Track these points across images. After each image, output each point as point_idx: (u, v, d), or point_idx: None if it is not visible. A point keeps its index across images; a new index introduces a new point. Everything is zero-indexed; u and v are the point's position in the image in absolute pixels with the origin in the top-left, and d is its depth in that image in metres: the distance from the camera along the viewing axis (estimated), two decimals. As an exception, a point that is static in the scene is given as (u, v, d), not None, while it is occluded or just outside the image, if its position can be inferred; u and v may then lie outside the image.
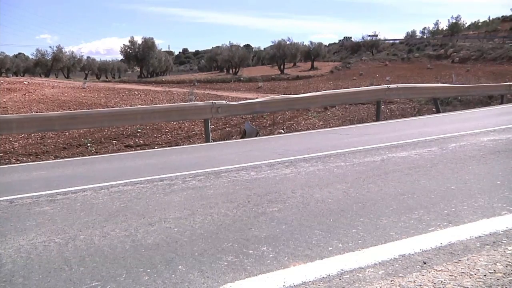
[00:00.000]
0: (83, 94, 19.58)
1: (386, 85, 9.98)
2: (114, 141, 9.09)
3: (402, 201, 2.74)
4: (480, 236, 2.03)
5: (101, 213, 2.92)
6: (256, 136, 7.88)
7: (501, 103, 12.13)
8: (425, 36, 59.46)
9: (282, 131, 9.27)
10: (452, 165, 3.66)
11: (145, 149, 7.99)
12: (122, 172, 4.66)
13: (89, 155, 7.47)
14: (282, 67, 41.63)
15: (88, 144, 8.73)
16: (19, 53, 60.71)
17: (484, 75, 23.10)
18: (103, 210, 3.01)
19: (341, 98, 9.63)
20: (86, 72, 53.81)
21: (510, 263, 1.74)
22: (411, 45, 53.00)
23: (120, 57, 51.90)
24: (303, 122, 10.82)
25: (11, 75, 42.40)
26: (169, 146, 8.19)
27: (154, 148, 8.07)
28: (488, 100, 13.22)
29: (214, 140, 8.07)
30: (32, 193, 3.62)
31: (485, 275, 1.65)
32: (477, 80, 19.57)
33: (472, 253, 1.86)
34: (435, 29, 58.17)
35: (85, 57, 53.51)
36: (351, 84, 21.73)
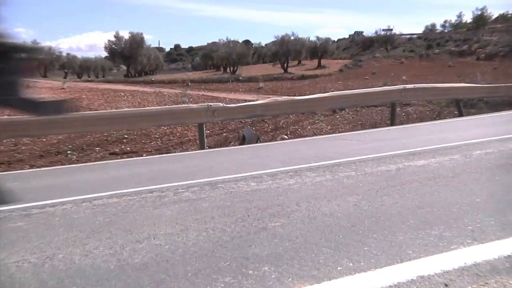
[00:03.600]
0: (62, 96, 19.67)
1: (402, 85, 10.03)
2: (97, 148, 9.11)
3: (421, 215, 2.74)
4: (509, 256, 2.04)
5: (82, 229, 2.93)
6: (256, 143, 7.91)
7: None
8: (446, 30, 59.78)
9: (286, 136, 9.29)
10: (477, 175, 3.67)
11: (133, 157, 8.00)
12: (106, 183, 4.67)
13: (69, 164, 7.48)
14: (285, 65, 41.84)
15: (68, 152, 8.75)
16: (-9, 50, 60.86)
17: (512, 73, 23.18)
18: (85, 225, 3.01)
19: (352, 100, 9.66)
20: (66, 70, 54.08)
21: (543, 285, 1.74)
22: (431, 40, 53.29)
23: (104, 54, 52.29)
24: (309, 127, 10.86)
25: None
26: (159, 154, 8.20)
27: (142, 156, 8.09)
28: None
29: (209, 147, 8.09)
30: (3, 207, 3.62)
31: (514, 299, 1.65)
32: (506, 79, 19.63)
33: (500, 275, 1.86)
34: (458, 22, 58.52)
35: (64, 54, 53.87)
36: (362, 84, 21.81)
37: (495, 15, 57.91)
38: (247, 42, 61.43)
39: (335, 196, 3.32)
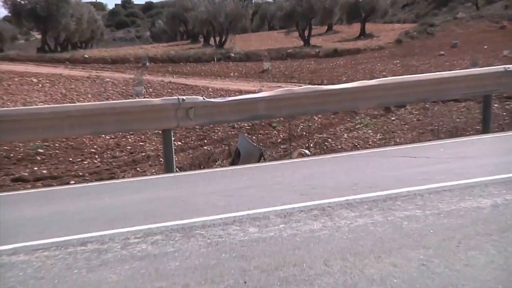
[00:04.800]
0: None
1: (502, 66, 10.06)
2: (-7, 171, 9.15)
3: (532, 282, 2.76)
4: None
5: (-30, 305, 2.94)
6: (259, 161, 7.94)
7: None
8: None
9: (307, 151, 9.32)
10: None
11: (53, 185, 8.02)
12: (7, 229, 4.67)
13: None
14: (307, 34, 42.08)
15: None
16: None
17: None
18: (-25, 298, 3.03)
19: (417, 91, 9.70)
20: None
21: None
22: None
23: (3, 12, 52.40)
24: (345, 136, 10.88)
25: None
26: (97, 180, 8.22)
27: (69, 183, 8.11)
28: None
29: (181, 169, 8.11)
30: None
31: None
32: None
33: None
34: None
35: None
36: (435, 65, 21.88)
37: None
38: (243, -6, 61.91)
39: (389, 250, 3.33)
